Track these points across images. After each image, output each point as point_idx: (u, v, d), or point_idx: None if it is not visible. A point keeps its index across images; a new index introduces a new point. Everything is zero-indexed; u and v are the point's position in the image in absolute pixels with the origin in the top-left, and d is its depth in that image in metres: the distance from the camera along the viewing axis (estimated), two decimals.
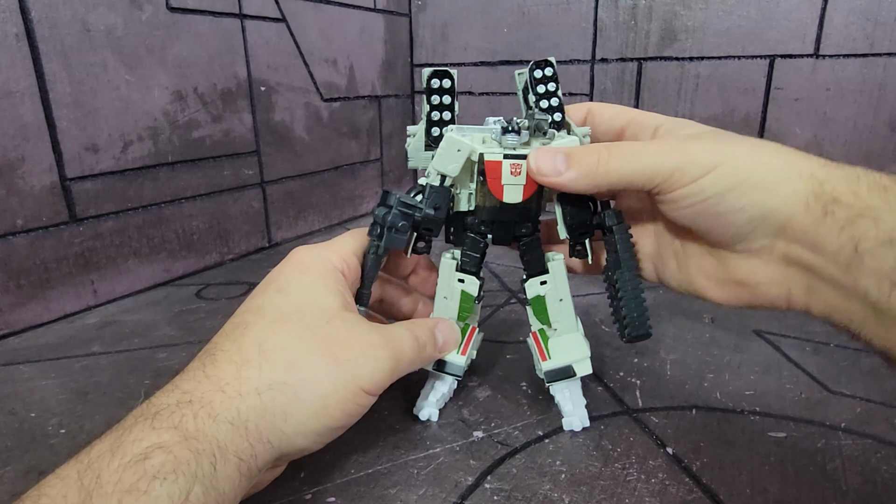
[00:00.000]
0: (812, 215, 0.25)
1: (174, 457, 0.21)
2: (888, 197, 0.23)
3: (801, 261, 0.26)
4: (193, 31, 0.59)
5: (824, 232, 0.24)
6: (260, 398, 0.25)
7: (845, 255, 0.24)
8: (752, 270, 0.28)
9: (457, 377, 0.37)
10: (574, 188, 0.30)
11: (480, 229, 0.34)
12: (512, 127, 0.31)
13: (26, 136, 0.48)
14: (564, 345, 0.35)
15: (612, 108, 0.34)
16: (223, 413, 0.24)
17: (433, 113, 0.34)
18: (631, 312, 0.32)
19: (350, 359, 0.28)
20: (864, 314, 0.24)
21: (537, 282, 0.35)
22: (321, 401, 0.26)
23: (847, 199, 0.24)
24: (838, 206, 0.24)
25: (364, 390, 0.28)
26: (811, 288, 0.26)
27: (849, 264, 0.24)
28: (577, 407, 0.35)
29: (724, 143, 0.28)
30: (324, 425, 0.27)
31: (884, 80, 0.65)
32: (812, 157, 0.26)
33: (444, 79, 0.34)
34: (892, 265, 0.22)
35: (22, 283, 0.49)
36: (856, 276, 0.24)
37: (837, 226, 0.24)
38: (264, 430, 0.25)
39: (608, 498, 0.29)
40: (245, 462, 0.24)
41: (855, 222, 0.23)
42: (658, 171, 0.27)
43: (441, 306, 0.36)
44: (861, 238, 0.23)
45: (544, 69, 0.34)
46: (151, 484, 0.20)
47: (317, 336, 0.28)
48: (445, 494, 0.30)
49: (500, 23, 0.83)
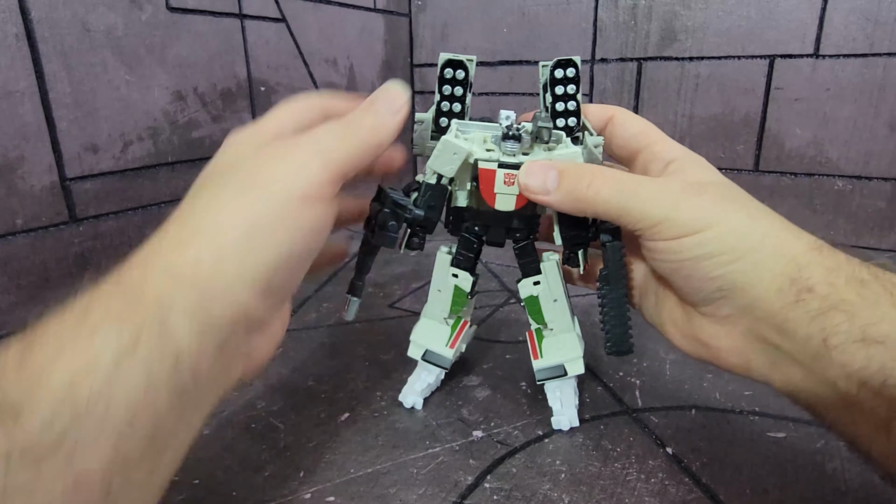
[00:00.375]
0: (783, 300, 0.24)
1: (114, 308, 0.21)
2: (864, 292, 0.23)
3: (767, 339, 0.25)
4: (193, 31, 0.59)
5: (794, 318, 0.24)
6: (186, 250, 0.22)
7: (813, 346, 0.23)
8: (714, 334, 0.28)
9: (444, 368, 0.38)
10: (559, 209, 0.29)
11: (474, 230, 0.34)
12: (512, 133, 0.30)
13: (26, 136, 0.47)
14: (557, 344, 0.35)
15: (636, 125, 0.32)
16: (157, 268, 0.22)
17: (443, 103, 0.33)
18: (614, 329, 0.32)
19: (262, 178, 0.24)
20: (830, 401, 0.24)
21: (530, 282, 0.35)
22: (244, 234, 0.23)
23: (822, 289, 0.23)
24: (812, 296, 0.23)
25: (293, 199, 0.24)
26: (775, 364, 0.26)
27: (816, 355, 0.23)
28: (566, 406, 0.35)
29: (722, 204, 0.27)
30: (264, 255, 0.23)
31: (884, 80, 0.65)
32: (804, 237, 0.26)
33: (459, 69, 0.32)
34: (861, 363, 0.22)
35: (21, 282, 0.49)
36: (823, 367, 0.23)
37: (809, 315, 0.23)
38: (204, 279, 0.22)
39: (608, 497, 0.29)
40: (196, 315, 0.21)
41: (827, 314, 0.23)
42: (646, 216, 0.27)
43: (434, 298, 0.37)
44: (832, 332, 0.23)
45: (566, 69, 0.32)
46: (95, 334, 0.20)
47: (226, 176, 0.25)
48: (445, 494, 0.30)
49: (500, 23, 0.83)
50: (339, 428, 0.36)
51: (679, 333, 0.30)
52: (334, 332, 0.49)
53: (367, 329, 0.49)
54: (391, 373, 0.41)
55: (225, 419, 0.36)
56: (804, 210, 0.73)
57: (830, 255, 0.25)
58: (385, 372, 0.42)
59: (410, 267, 0.64)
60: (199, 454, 0.33)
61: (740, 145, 0.74)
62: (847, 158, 0.69)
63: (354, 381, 0.41)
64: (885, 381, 0.21)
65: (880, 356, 0.22)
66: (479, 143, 0.32)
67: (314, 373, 0.42)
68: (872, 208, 0.69)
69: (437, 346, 0.37)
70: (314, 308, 0.54)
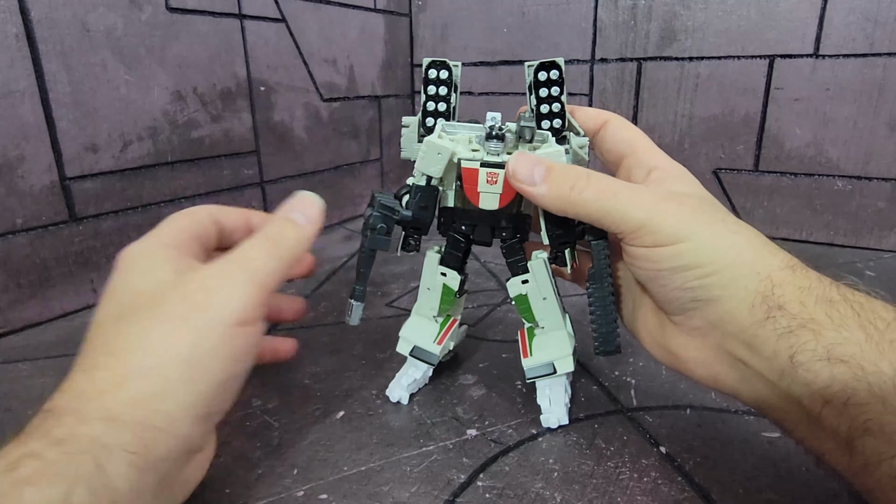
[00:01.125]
0: (753, 317, 0.24)
1: (45, 462, 0.20)
2: (832, 312, 0.23)
3: (734, 354, 0.26)
4: (193, 31, 0.59)
5: (762, 335, 0.24)
6: (124, 390, 0.22)
7: (780, 363, 0.24)
8: (684, 345, 0.28)
9: (430, 364, 0.38)
10: (542, 204, 0.29)
11: (461, 229, 0.35)
12: (496, 133, 0.31)
13: (26, 135, 0.48)
14: (547, 342, 0.36)
15: (627, 132, 0.33)
16: (91, 413, 0.22)
17: (429, 103, 0.34)
18: (600, 329, 0.32)
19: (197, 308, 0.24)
20: (796, 418, 0.24)
21: (518, 281, 0.35)
22: (185, 366, 0.23)
23: (793, 308, 0.24)
24: (782, 314, 0.24)
25: (230, 326, 0.24)
26: (743, 379, 0.26)
27: (783, 372, 0.24)
28: (555, 404, 0.35)
29: (699, 217, 0.27)
30: (206, 384, 0.24)
31: (884, 80, 0.65)
32: (779, 254, 0.26)
33: (442, 69, 0.33)
34: (825, 382, 0.22)
35: (21, 281, 0.50)
36: (789, 384, 0.23)
37: (777, 333, 0.24)
38: (145, 417, 0.22)
39: (600, 496, 0.29)
40: (138, 455, 0.21)
41: (795, 332, 0.23)
42: (626, 220, 0.27)
43: (424, 296, 0.37)
44: (799, 349, 0.23)
45: (549, 71, 0.32)
46: (24, 490, 0.19)
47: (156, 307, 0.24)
48: (437, 492, 0.30)
49: (500, 23, 0.83)
50: (333, 426, 0.36)
51: (652, 340, 0.31)
52: (331, 331, 0.49)
53: (364, 328, 0.49)
54: (387, 371, 0.42)
55: None
56: (804, 210, 0.73)
57: (803, 274, 0.25)
58: (381, 371, 0.42)
59: (408, 266, 0.64)
60: None
61: (740, 145, 0.73)
62: (847, 158, 0.69)
63: (350, 379, 0.41)
64: (847, 399, 0.22)
65: (843, 375, 0.22)
66: (465, 143, 0.32)
67: (310, 371, 0.42)
68: (872, 208, 0.69)
69: (425, 343, 0.37)
70: (312, 307, 0.54)
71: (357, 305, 0.35)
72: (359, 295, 0.35)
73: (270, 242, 0.27)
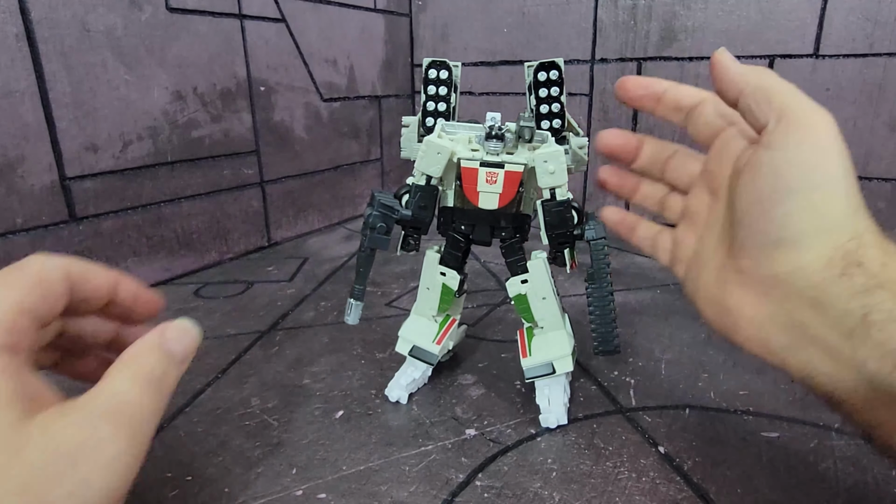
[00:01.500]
0: (827, 272, 0.24)
1: None
2: None
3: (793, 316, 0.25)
4: (193, 31, 0.59)
5: (834, 292, 0.23)
6: None
7: (851, 321, 0.23)
8: (740, 301, 0.27)
9: (430, 364, 0.38)
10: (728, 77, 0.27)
11: (461, 228, 0.35)
12: (495, 133, 0.31)
13: (26, 135, 0.48)
14: (546, 342, 0.36)
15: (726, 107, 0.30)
16: None
17: (429, 103, 0.34)
18: (599, 328, 0.32)
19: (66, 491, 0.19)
20: (854, 384, 0.23)
21: (518, 280, 0.35)
22: None
23: (873, 266, 0.23)
24: (860, 272, 0.23)
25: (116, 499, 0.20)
26: (796, 345, 0.25)
27: (852, 331, 0.23)
28: (554, 404, 0.35)
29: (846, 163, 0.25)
30: None
31: (884, 80, 0.65)
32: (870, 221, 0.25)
33: (442, 69, 0.34)
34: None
35: None
36: (856, 344, 0.23)
37: (852, 290, 0.23)
38: None
39: (598, 496, 0.30)
40: None
41: (873, 292, 0.23)
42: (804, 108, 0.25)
43: (423, 296, 0.38)
44: (874, 308, 0.22)
45: (549, 72, 0.32)
46: None
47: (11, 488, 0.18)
48: (436, 491, 0.30)
49: (500, 23, 0.83)
50: (332, 425, 0.36)
51: (707, 295, 0.29)
52: (331, 331, 0.49)
53: (364, 328, 0.49)
54: (387, 371, 0.42)
55: (219, 416, 0.37)
56: None
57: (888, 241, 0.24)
58: (380, 370, 0.42)
59: (408, 266, 0.65)
60: (192, 450, 0.33)
61: None
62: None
63: (350, 379, 0.41)
64: None
65: None
66: (464, 142, 0.32)
67: (310, 371, 0.42)
68: (872, 208, 0.68)
69: (425, 343, 0.38)
70: (312, 307, 0.54)
71: (356, 305, 0.35)
72: (358, 294, 0.35)
73: (153, 386, 0.23)
